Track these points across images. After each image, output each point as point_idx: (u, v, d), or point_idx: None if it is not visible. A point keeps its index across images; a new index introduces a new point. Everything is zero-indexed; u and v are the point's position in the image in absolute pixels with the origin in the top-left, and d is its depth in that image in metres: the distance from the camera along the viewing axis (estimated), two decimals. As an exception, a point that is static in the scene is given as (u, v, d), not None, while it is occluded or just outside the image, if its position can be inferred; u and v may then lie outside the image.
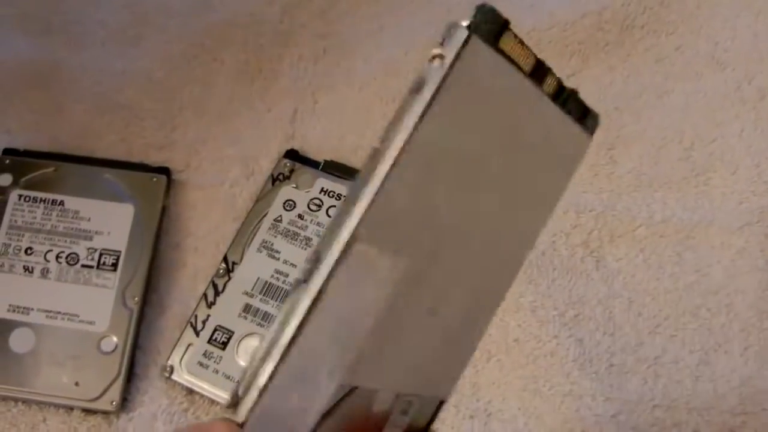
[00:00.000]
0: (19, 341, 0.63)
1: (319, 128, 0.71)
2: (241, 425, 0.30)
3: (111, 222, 0.66)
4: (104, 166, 0.67)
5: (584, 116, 0.42)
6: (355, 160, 0.68)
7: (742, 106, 0.70)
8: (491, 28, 0.33)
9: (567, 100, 0.40)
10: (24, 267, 0.64)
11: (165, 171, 0.68)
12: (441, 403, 0.40)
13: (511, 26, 0.34)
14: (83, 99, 0.72)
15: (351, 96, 0.72)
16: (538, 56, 0.36)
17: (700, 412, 0.60)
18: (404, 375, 0.38)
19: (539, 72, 0.37)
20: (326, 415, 0.34)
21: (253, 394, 0.30)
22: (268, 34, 0.74)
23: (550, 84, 0.38)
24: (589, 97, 0.69)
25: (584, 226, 0.65)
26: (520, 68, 0.35)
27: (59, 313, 0.63)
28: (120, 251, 0.65)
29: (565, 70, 0.70)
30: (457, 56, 0.32)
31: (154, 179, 0.67)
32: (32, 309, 0.63)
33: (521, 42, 0.35)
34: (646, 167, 0.68)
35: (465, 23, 0.32)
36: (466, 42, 0.32)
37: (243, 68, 0.73)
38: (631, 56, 0.71)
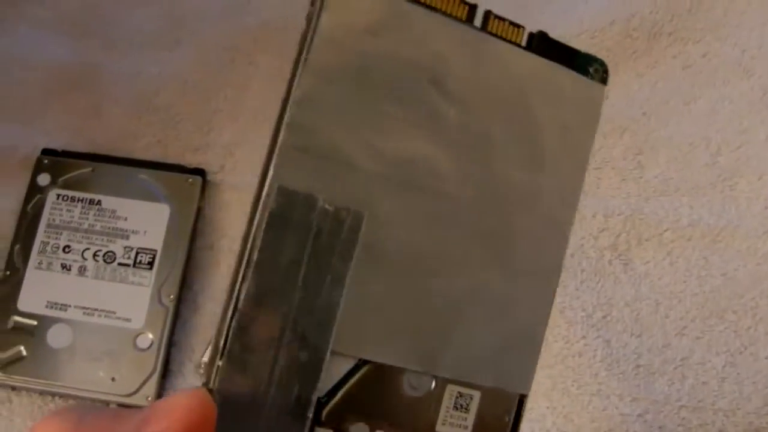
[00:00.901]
0: (56, 337, 0.64)
1: (351, 131, 0.71)
2: (210, 391, 0.31)
3: (147, 222, 0.67)
4: (141, 167, 0.69)
5: (572, 59, 0.39)
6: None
7: (768, 113, 0.70)
8: None
9: (540, 43, 0.39)
10: (62, 265, 0.66)
11: (200, 172, 0.69)
12: (521, 400, 0.38)
13: None
14: (120, 101, 0.73)
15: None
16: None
17: (726, 413, 0.61)
18: (425, 351, 0.36)
19: (486, 19, 0.38)
20: (332, 394, 0.34)
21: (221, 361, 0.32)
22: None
23: (501, 28, 0.38)
24: (617, 103, 0.70)
25: (612, 230, 0.66)
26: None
27: (96, 309, 0.65)
28: (156, 250, 0.66)
29: None
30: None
31: (190, 180, 0.68)
32: (70, 306, 0.65)
33: None
34: (673, 172, 0.68)
35: None
36: None
37: (277, 72, 0.74)
38: (659, 63, 0.72)
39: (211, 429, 0.28)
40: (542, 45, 0.38)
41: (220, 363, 0.32)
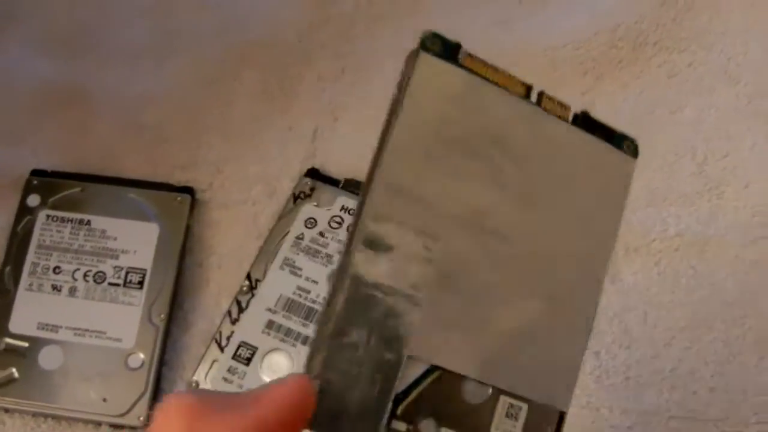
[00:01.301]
0: (48, 358, 0.64)
1: (339, 146, 0.72)
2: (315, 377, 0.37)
3: (137, 241, 0.67)
4: (130, 186, 0.69)
5: (609, 135, 0.47)
6: (375, 179, 0.69)
7: (755, 120, 0.70)
8: (438, 45, 0.42)
9: (583, 121, 0.46)
10: (52, 286, 0.66)
11: (189, 190, 0.69)
12: (561, 416, 0.43)
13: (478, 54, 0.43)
14: (108, 120, 0.74)
15: (370, 114, 0.72)
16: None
17: (716, 423, 0.61)
18: (487, 364, 0.42)
19: (540, 97, 0.44)
20: (407, 392, 0.40)
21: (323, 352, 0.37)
22: (287, 53, 0.75)
23: (551, 105, 0.45)
24: (602, 113, 0.70)
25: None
26: (500, 81, 0.43)
27: (87, 330, 0.65)
28: (146, 269, 0.66)
29: (579, 88, 0.72)
30: (412, 66, 0.41)
31: (179, 198, 0.68)
32: (61, 327, 0.65)
33: (494, 67, 0.43)
34: (659, 182, 0.68)
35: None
36: (416, 55, 0.41)
37: (264, 88, 0.74)
38: (644, 73, 0.72)
39: (310, 411, 0.33)
40: (585, 122, 0.46)
41: (319, 357, 0.37)
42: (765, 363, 0.62)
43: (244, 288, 0.66)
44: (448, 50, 0.43)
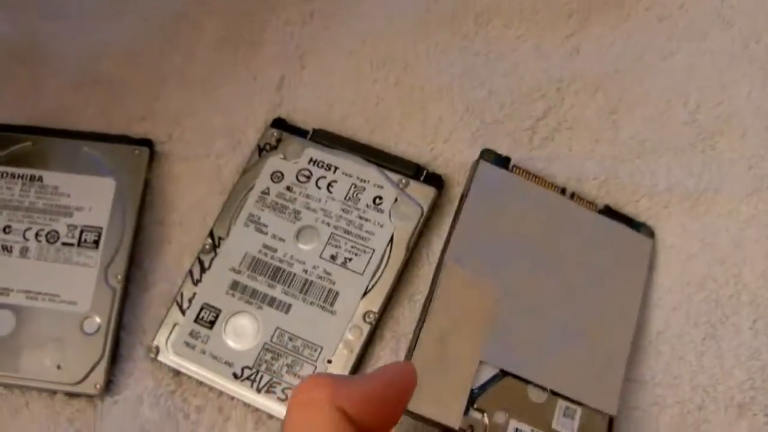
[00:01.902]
0: (-2, 323, 0.61)
1: (307, 96, 0.68)
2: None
3: (92, 197, 0.64)
4: (84, 139, 0.65)
5: (629, 222, 0.62)
6: (345, 129, 0.66)
7: (750, 66, 0.67)
8: (492, 157, 0.62)
9: (606, 211, 0.62)
10: (2, 246, 0.62)
11: (147, 143, 0.66)
12: (611, 420, 0.56)
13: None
14: (61, 72, 0.70)
15: (340, 61, 0.69)
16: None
17: (706, 389, 0.58)
18: (544, 372, 0.56)
19: (572, 195, 0.62)
20: (482, 389, 0.55)
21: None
22: (252, -1, 0.72)
23: (581, 200, 0.62)
24: (589, 59, 0.67)
25: (586, 195, 0.63)
26: (542, 184, 0.62)
27: (40, 293, 0.61)
28: (102, 228, 0.63)
29: (563, 31, 0.68)
30: (474, 170, 0.61)
31: (136, 152, 0.65)
32: (12, 290, 0.61)
33: (535, 174, 0.62)
34: (649, 132, 0.65)
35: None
36: (477, 162, 0.61)
37: (226, 35, 0.70)
38: (632, 15, 0.68)
39: (412, 392, 0.39)
40: (609, 212, 0.62)
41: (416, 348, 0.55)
42: (759, 325, 0.59)
43: (207, 246, 0.62)
44: (500, 161, 0.61)
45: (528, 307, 0.58)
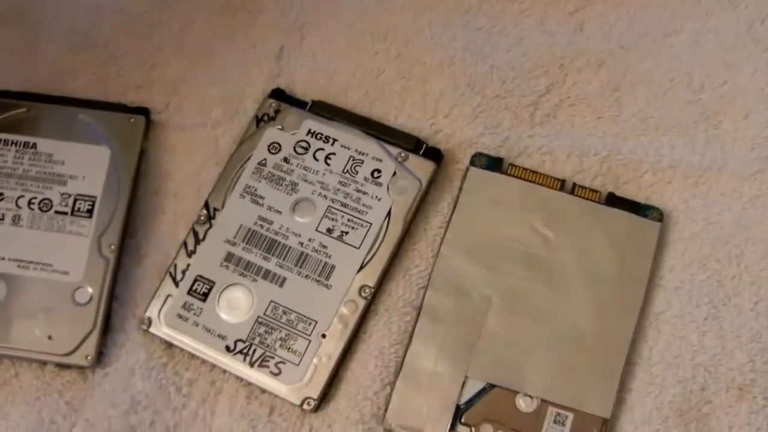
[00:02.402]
0: (-11, 292, 0.60)
1: (307, 66, 0.67)
2: None
3: (86, 166, 0.63)
4: (79, 107, 0.65)
5: (636, 209, 0.60)
6: (345, 101, 0.66)
7: (755, 46, 0.66)
8: (484, 161, 0.62)
9: (610, 200, 0.61)
10: (-6, 214, 0.61)
11: (143, 111, 0.65)
12: (605, 422, 0.56)
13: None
14: (57, 37, 0.69)
15: (340, 32, 0.68)
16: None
17: (707, 368, 0.57)
18: (533, 381, 0.56)
19: (573, 187, 0.61)
20: (469, 404, 0.56)
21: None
22: (253, -34, 0.71)
23: (583, 192, 0.61)
24: (593, 35, 0.66)
25: (588, 171, 0.63)
26: (539, 181, 0.61)
27: (31, 262, 0.61)
28: (95, 197, 0.62)
29: (567, 7, 0.68)
30: (463, 177, 0.62)
31: (132, 120, 0.64)
32: (3, 258, 0.61)
33: (532, 171, 0.62)
34: (652, 110, 0.65)
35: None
36: (466, 170, 0.62)
37: (225, 2, 0.70)
38: (638, -9, 0.68)
39: None
40: (613, 200, 0.61)
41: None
42: (761, 306, 0.59)
43: (202, 217, 0.61)
44: (492, 164, 0.62)
45: (520, 316, 0.57)
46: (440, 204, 0.62)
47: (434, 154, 0.62)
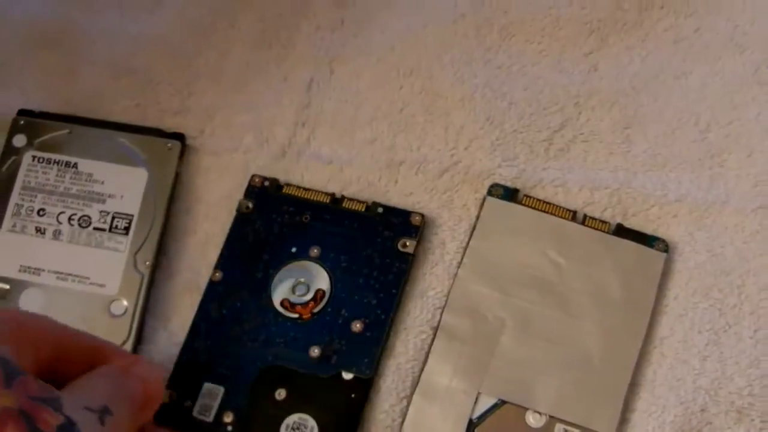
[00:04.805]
0: (29, 302, 0.63)
1: (335, 98, 0.70)
2: None
3: (124, 186, 0.66)
4: (119, 130, 0.67)
5: (643, 239, 0.63)
6: (370, 131, 0.69)
7: (760, 90, 0.69)
8: (501, 191, 0.65)
9: (619, 231, 0.63)
10: (36, 228, 0.64)
11: (179, 137, 0.68)
12: None
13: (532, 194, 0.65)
14: (98, 62, 0.72)
15: (367, 67, 0.71)
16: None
17: (708, 391, 0.60)
18: (542, 399, 0.58)
19: (584, 218, 0.64)
20: (481, 418, 0.58)
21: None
22: (286, 2, 0.74)
23: (593, 222, 0.64)
24: (606, 76, 0.69)
25: (598, 204, 0.65)
26: (552, 211, 0.64)
27: (70, 275, 0.64)
28: (132, 215, 0.65)
29: (583, 48, 0.70)
30: (481, 206, 0.64)
31: (169, 145, 0.67)
32: (43, 270, 0.64)
33: (545, 202, 0.64)
34: (661, 147, 0.67)
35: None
36: (483, 200, 0.65)
37: (260, 36, 0.73)
38: (650, 36, 0.71)
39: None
40: (622, 231, 0.63)
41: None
42: (760, 335, 0.61)
43: (232, 238, 0.64)
44: (508, 194, 0.64)
45: (532, 337, 0.60)
46: (457, 230, 0.65)
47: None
